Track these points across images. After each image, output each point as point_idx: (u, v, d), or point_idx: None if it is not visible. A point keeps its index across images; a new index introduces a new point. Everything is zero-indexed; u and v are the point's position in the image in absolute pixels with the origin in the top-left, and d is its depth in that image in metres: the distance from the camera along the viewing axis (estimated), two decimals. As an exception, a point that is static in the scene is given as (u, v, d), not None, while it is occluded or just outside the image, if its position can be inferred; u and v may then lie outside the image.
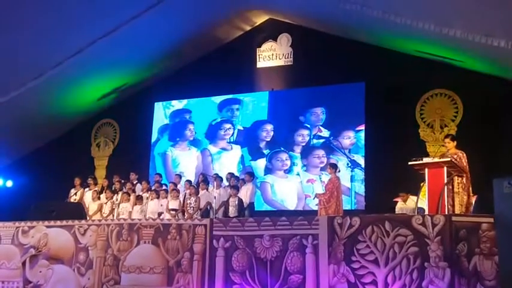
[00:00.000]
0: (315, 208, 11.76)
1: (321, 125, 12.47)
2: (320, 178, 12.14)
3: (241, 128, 13.30)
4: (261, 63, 13.36)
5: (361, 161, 11.81)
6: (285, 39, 13.21)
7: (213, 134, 13.56)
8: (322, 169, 12.18)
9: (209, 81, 13.33)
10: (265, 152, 12.88)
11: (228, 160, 13.15)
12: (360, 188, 11.66)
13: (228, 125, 13.43)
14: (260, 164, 12.81)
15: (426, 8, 9.13)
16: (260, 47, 13.39)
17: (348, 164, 11.67)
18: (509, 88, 10.44)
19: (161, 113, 14.20)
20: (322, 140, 12.36)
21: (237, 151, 13.19)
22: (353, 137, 12.03)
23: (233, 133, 13.36)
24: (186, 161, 13.64)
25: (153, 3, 10.98)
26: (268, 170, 12.63)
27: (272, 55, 13.29)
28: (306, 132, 12.57)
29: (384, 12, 9.71)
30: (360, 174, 11.67)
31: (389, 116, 11.45)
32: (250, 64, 13.35)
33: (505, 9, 7.95)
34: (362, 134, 11.96)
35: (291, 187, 12.44)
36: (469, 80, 10.89)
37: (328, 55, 12.29)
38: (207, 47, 13.55)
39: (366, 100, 11.96)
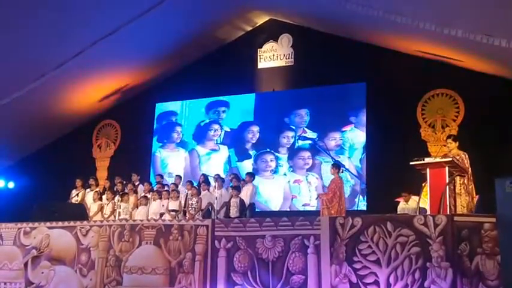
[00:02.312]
0: (301, 208, 11.87)
1: (306, 127, 12.55)
2: (306, 179, 12.20)
3: (228, 130, 13.36)
4: (262, 64, 13.36)
5: (345, 162, 11.85)
6: (286, 39, 13.21)
7: (201, 135, 13.62)
8: (308, 170, 12.28)
9: (210, 82, 13.34)
10: (251, 153, 12.96)
11: (215, 161, 13.24)
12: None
13: (216, 126, 13.50)
14: (246, 165, 12.88)
15: (427, 7, 9.12)
16: (261, 47, 13.40)
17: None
18: (511, 88, 10.43)
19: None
20: (307, 142, 12.44)
21: (224, 152, 13.27)
22: (339, 138, 12.11)
23: (220, 134, 13.42)
24: (174, 162, 13.71)
25: (154, 4, 10.98)
26: (254, 171, 12.60)
27: (273, 55, 13.29)
28: (291, 134, 12.64)
29: (385, 12, 9.70)
30: (345, 175, 11.63)
31: (390, 116, 11.45)
32: (251, 65, 13.36)
33: (506, 9, 7.94)
34: (347, 135, 12.04)
35: (277, 188, 12.49)
36: (471, 80, 10.88)
37: (329, 55, 12.29)
38: (208, 47, 13.56)
39: (367, 100, 11.97)
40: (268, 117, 13.05)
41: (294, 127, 12.67)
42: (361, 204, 11.68)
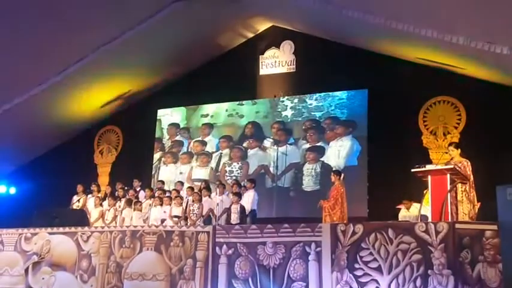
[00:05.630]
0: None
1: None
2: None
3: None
4: (263, 71, 13.38)
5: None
6: (287, 46, 13.23)
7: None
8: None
9: (212, 88, 13.36)
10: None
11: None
12: None
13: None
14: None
15: (429, 15, 9.14)
16: (263, 54, 13.42)
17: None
18: (512, 95, 10.44)
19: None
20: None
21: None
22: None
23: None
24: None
25: (157, 11, 11.02)
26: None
27: (275, 62, 13.31)
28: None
29: (387, 19, 9.71)
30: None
31: (392, 123, 11.45)
32: (253, 71, 13.38)
33: (507, 16, 7.96)
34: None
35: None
36: (472, 87, 10.88)
37: (331, 62, 12.30)
38: (210, 54, 13.59)
39: (368, 107, 11.97)
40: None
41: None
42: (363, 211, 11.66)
